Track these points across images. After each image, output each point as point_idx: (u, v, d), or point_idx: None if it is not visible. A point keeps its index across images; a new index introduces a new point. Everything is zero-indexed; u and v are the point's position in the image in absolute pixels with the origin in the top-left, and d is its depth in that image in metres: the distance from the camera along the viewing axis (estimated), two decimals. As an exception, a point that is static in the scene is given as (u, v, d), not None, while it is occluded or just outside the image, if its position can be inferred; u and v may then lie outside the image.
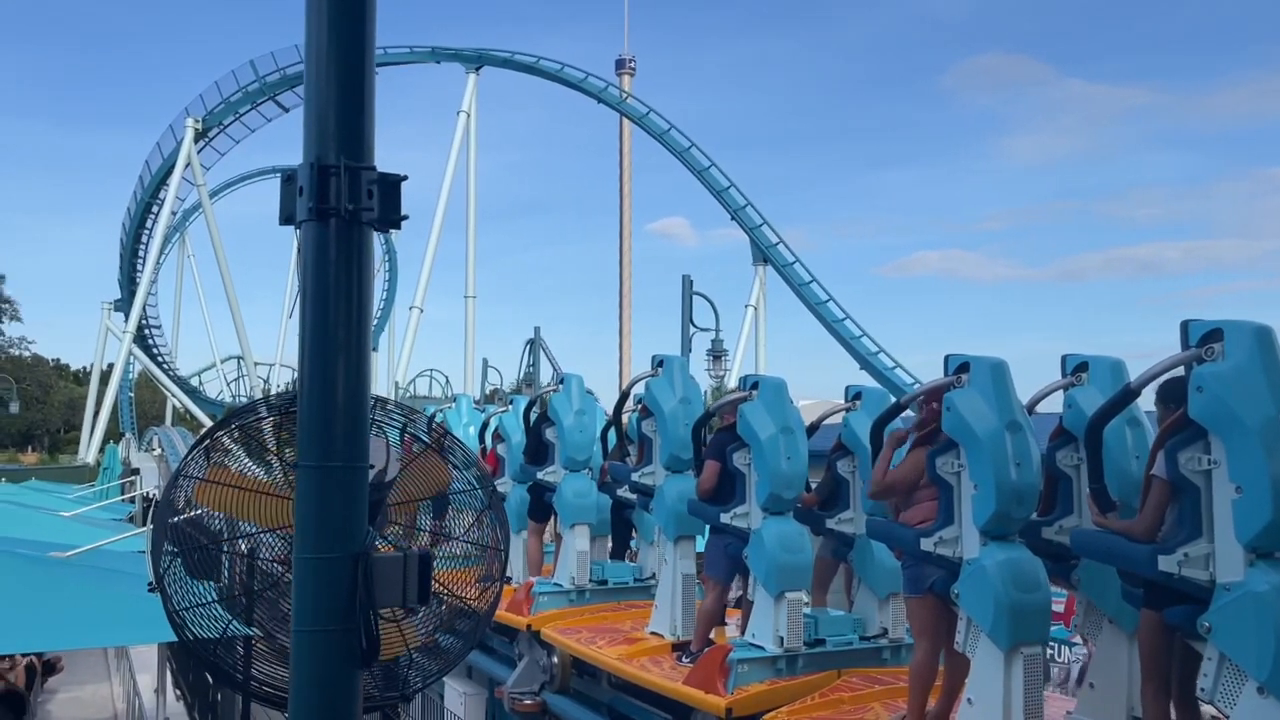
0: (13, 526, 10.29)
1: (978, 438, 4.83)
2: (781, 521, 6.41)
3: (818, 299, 43.79)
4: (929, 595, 5.14)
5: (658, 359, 7.95)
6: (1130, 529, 4.17)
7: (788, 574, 6.28)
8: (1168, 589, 3.98)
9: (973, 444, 4.86)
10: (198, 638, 3.26)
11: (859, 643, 6.57)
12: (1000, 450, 4.78)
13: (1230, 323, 3.90)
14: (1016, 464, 4.78)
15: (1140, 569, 4.09)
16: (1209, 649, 3.84)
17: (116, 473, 29.03)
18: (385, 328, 62.95)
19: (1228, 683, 3.76)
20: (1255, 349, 3.80)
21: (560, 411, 9.34)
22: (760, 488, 6.44)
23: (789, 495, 6.42)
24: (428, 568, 2.70)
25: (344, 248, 2.49)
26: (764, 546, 6.32)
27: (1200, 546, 3.88)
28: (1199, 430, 3.90)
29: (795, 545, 6.34)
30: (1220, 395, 3.80)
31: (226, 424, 3.34)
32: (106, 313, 57.64)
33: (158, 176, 53.11)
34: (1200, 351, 3.91)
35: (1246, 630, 3.67)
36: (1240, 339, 3.83)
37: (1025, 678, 4.67)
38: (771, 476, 6.36)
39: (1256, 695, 3.65)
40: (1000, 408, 4.86)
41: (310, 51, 2.55)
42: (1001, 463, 4.77)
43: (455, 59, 52.45)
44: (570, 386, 9.48)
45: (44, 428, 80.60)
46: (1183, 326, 4.01)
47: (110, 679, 14.50)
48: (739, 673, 6.11)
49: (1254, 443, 3.70)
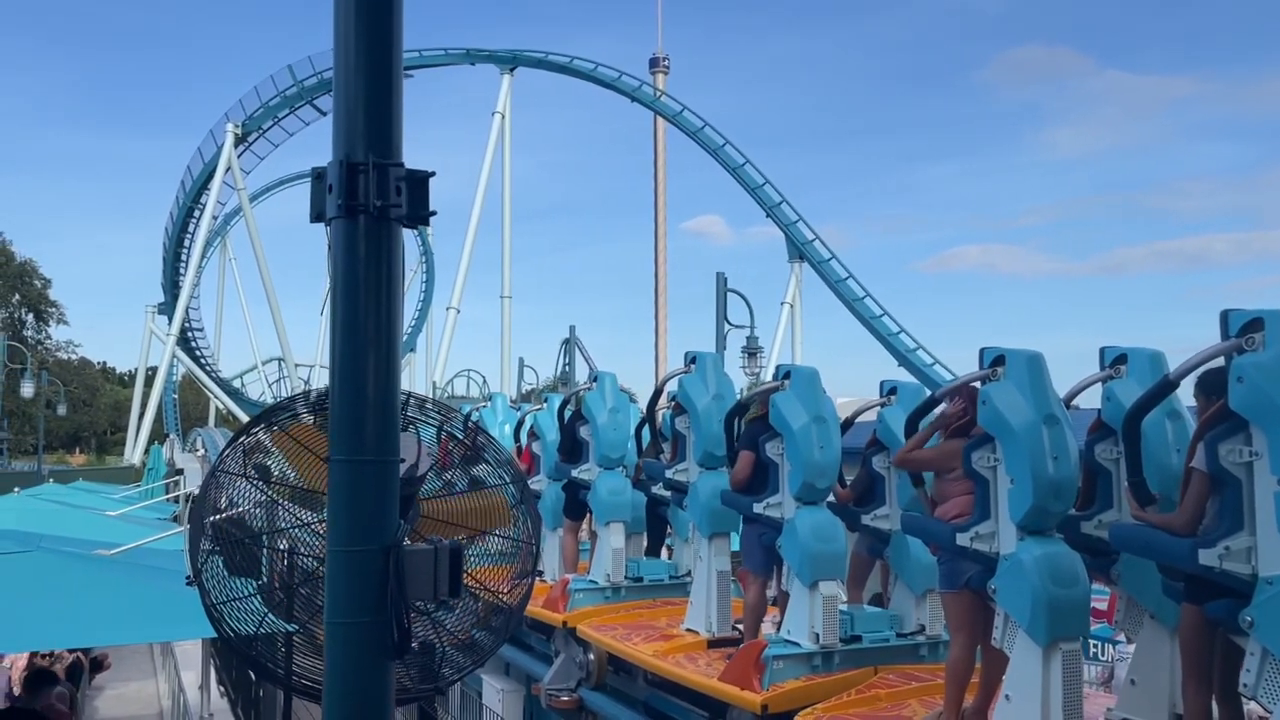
0: (60, 525, 10.48)
1: (1014, 431, 4.76)
2: (815, 511, 6.40)
3: (854, 295, 43.37)
4: (965, 591, 5.09)
5: (690, 355, 7.95)
6: (1170, 523, 4.11)
7: (821, 563, 6.26)
8: (1209, 583, 3.91)
9: (1009, 438, 4.80)
10: (235, 632, 3.29)
11: (895, 639, 6.54)
12: (1037, 444, 4.71)
13: (1271, 312, 3.82)
14: (1054, 458, 4.71)
15: (1181, 563, 4.03)
16: (1251, 644, 3.77)
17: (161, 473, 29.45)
18: (423, 329, 63.27)
19: (1271, 678, 3.69)
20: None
21: (594, 409, 9.36)
22: (793, 477, 6.43)
23: (822, 485, 6.41)
24: (458, 560, 2.71)
25: (373, 244, 2.51)
26: (797, 536, 6.31)
27: (1241, 540, 3.81)
28: (1240, 422, 3.83)
29: (829, 534, 6.33)
30: (1261, 385, 3.73)
31: (259, 422, 3.36)
32: (150, 316, 58.47)
33: (199, 181, 53.75)
34: (1240, 341, 3.83)
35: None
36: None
37: (1064, 673, 4.61)
38: (805, 466, 6.35)
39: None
40: (1037, 401, 4.79)
41: (339, 50, 2.57)
42: (1038, 456, 4.70)
43: (489, 60, 52.63)
44: (604, 384, 9.50)
45: (91, 430, 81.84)
46: (1222, 316, 3.94)
47: (156, 676, 14.72)
48: (774, 669, 6.10)
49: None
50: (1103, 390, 5.26)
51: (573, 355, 42.24)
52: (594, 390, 9.51)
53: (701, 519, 7.50)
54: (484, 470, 3.86)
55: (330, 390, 2.59)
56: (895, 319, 42.73)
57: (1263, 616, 3.70)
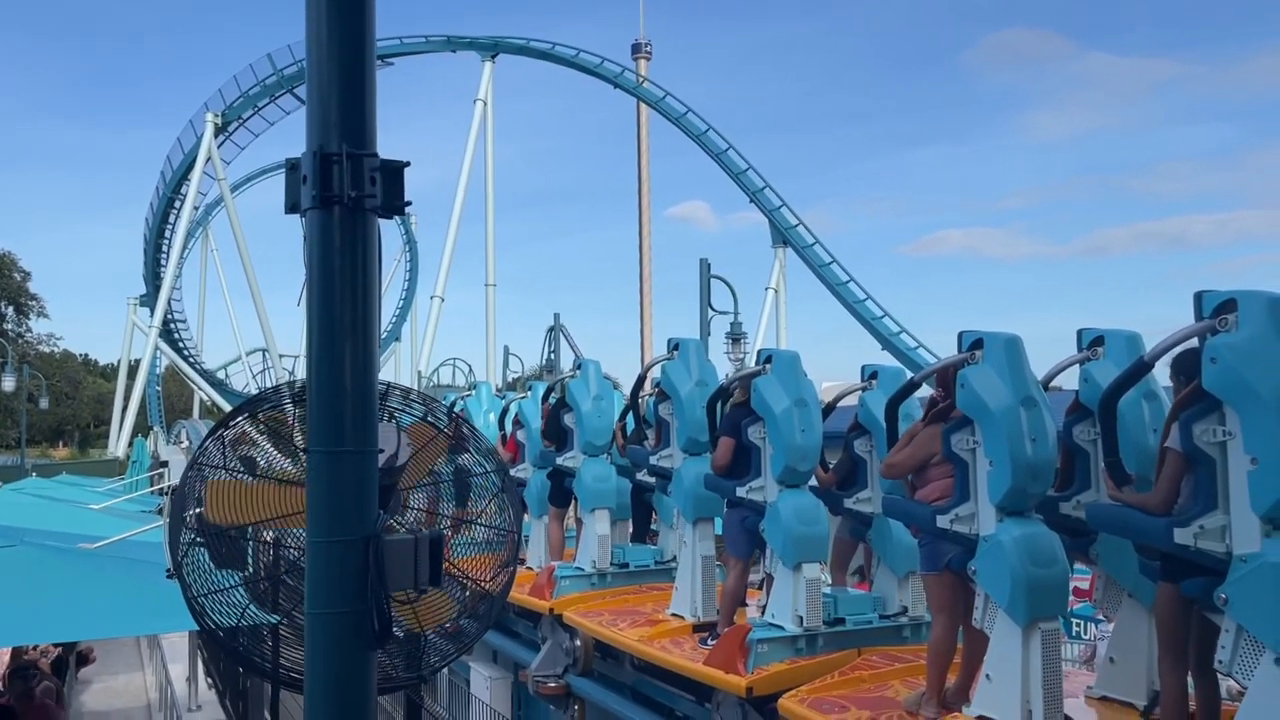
0: (44, 519, 10.48)
1: (992, 414, 4.79)
2: (797, 494, 6.44)
3: (838, 280, 43.45)
4: (946, 572, 5.14)
5: (673, 342, 7.96)
6: (1146, 502, 4.15)
7: (804, 545, 6.30)
8: (1184, 561, 3.96)
9: (987, 420, 4.83)
10: (219, 625, 3.29)
11: (879, 621, 6.59)
12: (1015, 426, 4.74)
13: (1244, 293, 3.85)
14: (1032, 439, 4.75)
15: (1156, 542, 4.07)
16: (1226, 621, 3.81)
17: (145, 466, 29.37)
18: (408, 318, 63.16)
19: (1245, 654, 3.74)
20: (1269, 319, 3.76)
21: (578, 397, 9.37)
22: (775, 461, 6.46)
23: (804, 468, 6.44)
24: (439, 550, 2.73)
25: (348, 235, 2.51)
26: (780, 519, 6.34)
27: (1216, 518, 3.86)
28: (1213, 402, 3.87)
29: (811, 517, 6.37)
30: (1234, 366, 3.76)
31: (239, 414, 3.34)
32: (132, 308, 57.92)
33: (179, 172, 53.30)
34: (1214, 322, 3.86)
35: (1263, 601, 3.64)
36: (1254, 309, 3.79)
37: (1043, 652, 4.65)
38: (787, 449, 6.37)
39: (1274, 666, 3.62)
40: (1015, 383, 4.82)
41: (311, 40, 2.56)
42: (1017, 438, 4.73)
43: (470, 47, 52.25)
44: (588, 372, 9.51)
45: (74, 423, 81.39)
46: (1196, 297, 3.97)
47: (143, 669, 14.77)
48: (759, 652, 6.14)
49: (1269, 413, 3.66)
50: (1080, 372, 5.31)
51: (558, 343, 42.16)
52: (578, 378, 9.51)
53: (685, 504, 7.52)
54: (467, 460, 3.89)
55: (307, 382, 2.59)
56: (879, 303, 42.89)
57: (1237, 594, 3.74)
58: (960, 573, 5.02)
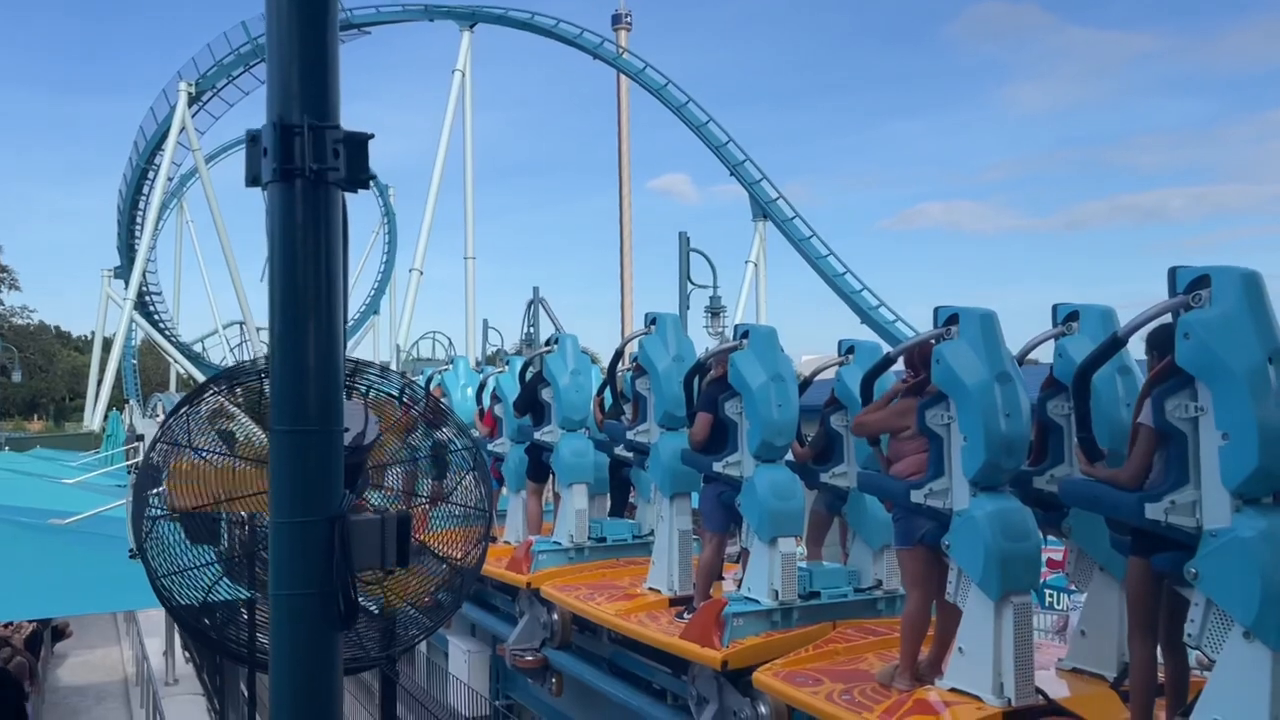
0: (15, 495, 10.38)
1: (967, 389, 4.83)
2: (773, 469, 6.44)
3: (818, 254, 43.55)
4: (920, 547, 5.16)
5: (651, 317, 7.93)
6: (1117, 477, 4.17)
7: (780, 520, 6.32)
8: (1155, 536, 3.98)
9: (962, 396, 4.87)
10: (183, 605, 3.24)
11: (854, 595, 6.62)
12: (990, 401, 4.78)
13: (1218, 268, 3.86)
14: (1006, 415, 4.79)
15: (1127, 516, 4.09)
16: (1196, 595, 3.84)
17: (121, 439, 28.98)
18: (386, 291, 62.65)
19: (1214, 628, 3.77)
20: (1242, 295, 3.76)
21: (556, 372, 9.34)
22: (752, 436, 6.46)
23: (780, 443, 6.44)
24: (406, 529, 2.70)
25: (310, 209, 2.45)
26: (756, 493, 6.35)
27: (1187, 493, 3.87)
28: (1186, 377, 3.87)
29: (787, 492, 6.38)
30: (1207, 342, 3.77)
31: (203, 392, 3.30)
32: (107, 280, 57.34)
33: (153, 142, 52.55)
34: (1188, 298, 3.86)
35: (1232, 576, 3.67)
36: (1228, 285, 3.79)
37: (1015, 626, 4.70)
38: (763, 424, 6.37)
39: (1242, 640, 3.66)
40: (989, 359, 4.86)
41: (270, 8, 2.49)
42: (991, 414, 4.77)
43: (448, 16, 51.60)
44: (565, 346, 9.48)
45: (49, 396, 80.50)
46: (1170, 273, 3.97)
47: (120, 643, 14.63)
48: (734, 626, 6.16)
49: (1241, 389, 3.68)
50: (1055, 347, 5.33)
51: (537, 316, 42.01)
52: (555, 353, 9.47)
53: (663, 479, 7.52)
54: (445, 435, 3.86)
55: (270, 360, 2.54)
56: (858, 276, 43.03)
57: (1206, 568, 3.77)
58: (934, 547, 5.04)
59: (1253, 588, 3.60)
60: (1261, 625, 3.59)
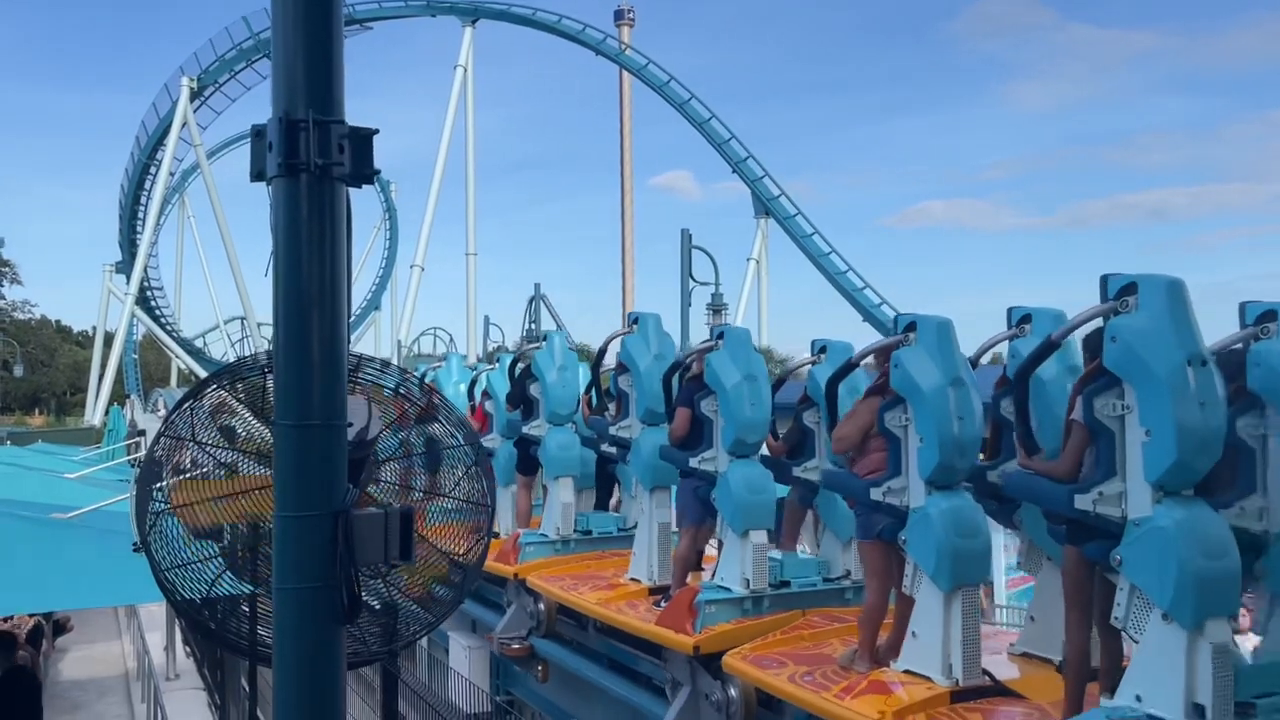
0: (16, 489, 10.23)
1: (923, 393, 5.16)
2: (746, 464, 6.74)
3: (820, 251, 43.48)
4: (878, 541, 5.45)
5: (633, 316, 8.21)
6: (1052, 470, 4.44)
7: (752, 513, 6.61)
8: (1086, 526, 4.26)
9: (918, 399, 5.19)
10: (187, 599, 3.21)
11: (823, 584, 6.90)
12: (944, 405, 5.11)
13: (1145, 276, 4.12)
14: (959, 418, 5.12)
15: (1060, 508, 4.36)
16: (1121, 580, 4.12)
17: (122, 434, 28.95)
18: (387, 286, 62.40)
19: (1137, 610, 4.05)
20: (1166, 301, 4.02)
21: (544, 368, 9.61)
22: (726, 433, 6.76)
23: (753, 439, 6.74)
24: (409, 524, 2.67)
25: (315, 204, 2.44)
26: (729, 488, 6.64)
27: (1114, 485, 4.15)
28: (1114, 378, 4.14)
29: (759, 486, 6.68)
30: (1132, 345, 4.04)
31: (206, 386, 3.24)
32: (108, 275, 57.32)
33: (154, 137, 52.56)
34: (1116, 304, 4.14)
35: (1152, 562, 3.95)
36: (1153, 292, 4.06)
37: (963, 615, 5.01)
38: (737, 422, 6.67)
39: (1161, 621, 3.95)
40: (945, 365, 5.19)
41: (275, 4, 2.49)
42: (945, 417, 5.10)
43: (450, 12, 51.68)
44: (553, 343, 9.76)
45: (50, 390, 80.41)
46: (1102, 280, 4.23)
47: (121, 637, 14.61)
48: (707, 613, 6.43)
49: (1162, 390, 3.94)
50: (1009, 348, 5.58)
51: (538, 313, 42.12)
52: (543, 349, 9.75)
53: (643, 473, 7.79)
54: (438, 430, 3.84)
55: (274, 355, 2.53)
56: (860, 274, 42.97)
57: (1130, 555, 4.05)
58: (891, 541, 5.32)
59: (1170, 573, 3.87)
60: (1177, 607, 3.87)
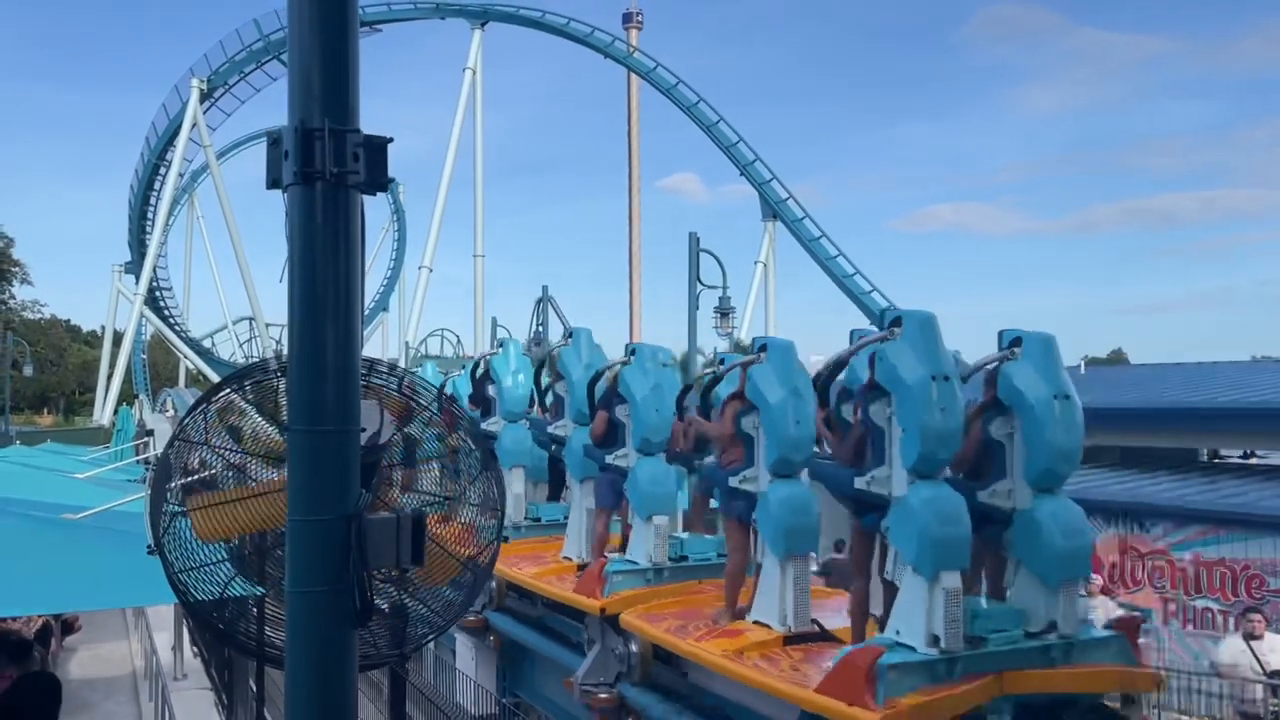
0: (27, 489, 9.99)
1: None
2: (652, 461, 8.06)
3: (827, 254, 43.44)
4: (738, 520, 6.80)
5: (568, 331, 9.53)
6: (839, 458, 5.80)
7: (656, 501, 7.98)
8: (863, 502, 5.61)
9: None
10: (200, 600, 3.26)
11: (717, 558, 8.18)
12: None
13: (909, 312, 5.52)
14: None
15: (844, 489, 5.71)
16: (890, 545, 5.44)
17: (130, 434, 28.81)
18: (395, 288, 62.56)
19: (900, 566, 5.41)
20: (920, 332, 5.34)
21: (500, 372, 11.06)
22: (635, 434, 8.08)
23: (656, 439, 8.06)
24: (421, 529, 2.71)
25: (330, 211, 2.48)
26: (638, 481, 8.01)
27: (883, 471, 5.51)
28: (883, 389, 5.49)
29: (662, 480, 8.01)
30: (892, 364, 5.36)
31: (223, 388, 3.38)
32: (117, 275, 57.61)
33: (164, 138, 52.76)
34: (887, 333, 5.47)
35: (905, 529, 5.26)
36: (912, 324, 5.39)
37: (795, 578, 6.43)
38: (644, 426, 8.03)
39: (911, 574, 5.28)
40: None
41: (293, 13, 2.54)
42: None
43: (460, 14, 51.82)
44: (509, 350, 11.31)
45: (59, 390, 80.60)
46: (880, 314, 5.74)
47: (129, 637, 14.30)
48: (614, 582, 7.75)
49: (912, 399, 5.25)
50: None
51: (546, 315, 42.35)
52: (500, 355, 11.27)
53: (574, 466, 9.12)
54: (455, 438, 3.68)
55: (288, 361, 2.57)
56: (867, 278, 42.97)
57: (893, 524, 5.39)
58: (742, 519, 6.65)
59: (914, 537, 5.14)
60: (920, 562, 5.18)
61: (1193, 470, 15.75)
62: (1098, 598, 11.86)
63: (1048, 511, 5.53)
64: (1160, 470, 15.43)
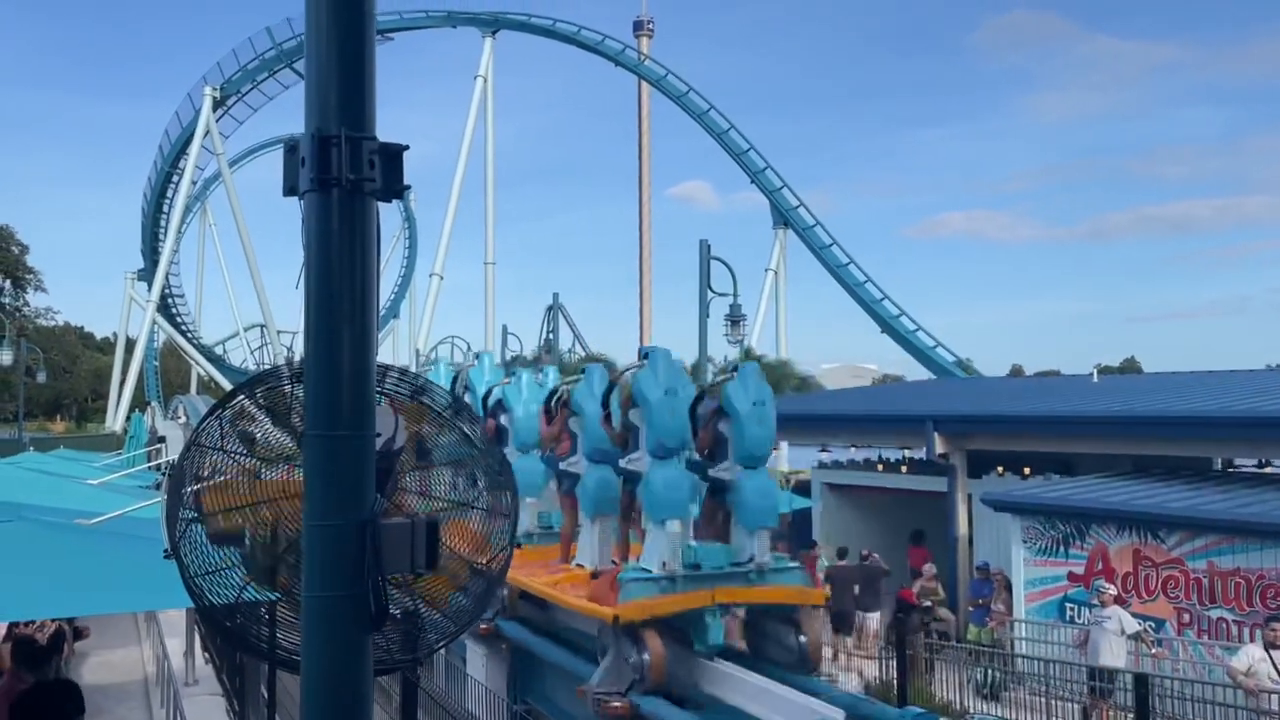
0: (40, 495, 9.93)
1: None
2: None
3: (839, 262, 43.36)
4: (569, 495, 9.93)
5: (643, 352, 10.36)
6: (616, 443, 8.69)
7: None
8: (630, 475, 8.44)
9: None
10: (215, 604, 3.28)
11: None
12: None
13: (653, 348, 8.61)
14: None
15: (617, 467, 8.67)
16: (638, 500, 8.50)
17: (143, 441, 28.59)
18: (406, 295, 62.65)
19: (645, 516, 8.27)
20: (662, 361, 8.35)
21: (475, 383, 12.26)
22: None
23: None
24: (435, 534, 2.73)
25: (346, 218, 2.51)
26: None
27: (639, 454, 8.47)
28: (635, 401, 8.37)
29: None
30: (640, 386, 8.29)
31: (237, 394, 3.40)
32: (130, 282, 57.79)
33: (177, 146, 53.05)
34: (641, 361, 8.48)
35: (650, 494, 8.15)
36: (657, 356, 8.40)
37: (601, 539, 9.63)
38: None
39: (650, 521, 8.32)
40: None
41: (310, 21, 2.56)
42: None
43: (471, 23, 52.16)
44: (483, 363, 12.75)
45: (72, 397, 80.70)
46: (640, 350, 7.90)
47: (140, 642, 14.61)
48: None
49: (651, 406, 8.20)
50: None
51: (556, 322, 42.01)
52: (475, 367, 12.67)
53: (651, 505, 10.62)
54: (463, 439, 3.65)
55: (305, 366, 2.60)
56: (879, 285, 43.08)
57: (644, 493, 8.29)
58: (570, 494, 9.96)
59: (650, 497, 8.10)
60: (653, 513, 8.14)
61: (1207, 479, 15.58)
62: (1110, 607, 11.83)
63: (750, 483, 8.29)
64: (1174, 479, 15.27)
